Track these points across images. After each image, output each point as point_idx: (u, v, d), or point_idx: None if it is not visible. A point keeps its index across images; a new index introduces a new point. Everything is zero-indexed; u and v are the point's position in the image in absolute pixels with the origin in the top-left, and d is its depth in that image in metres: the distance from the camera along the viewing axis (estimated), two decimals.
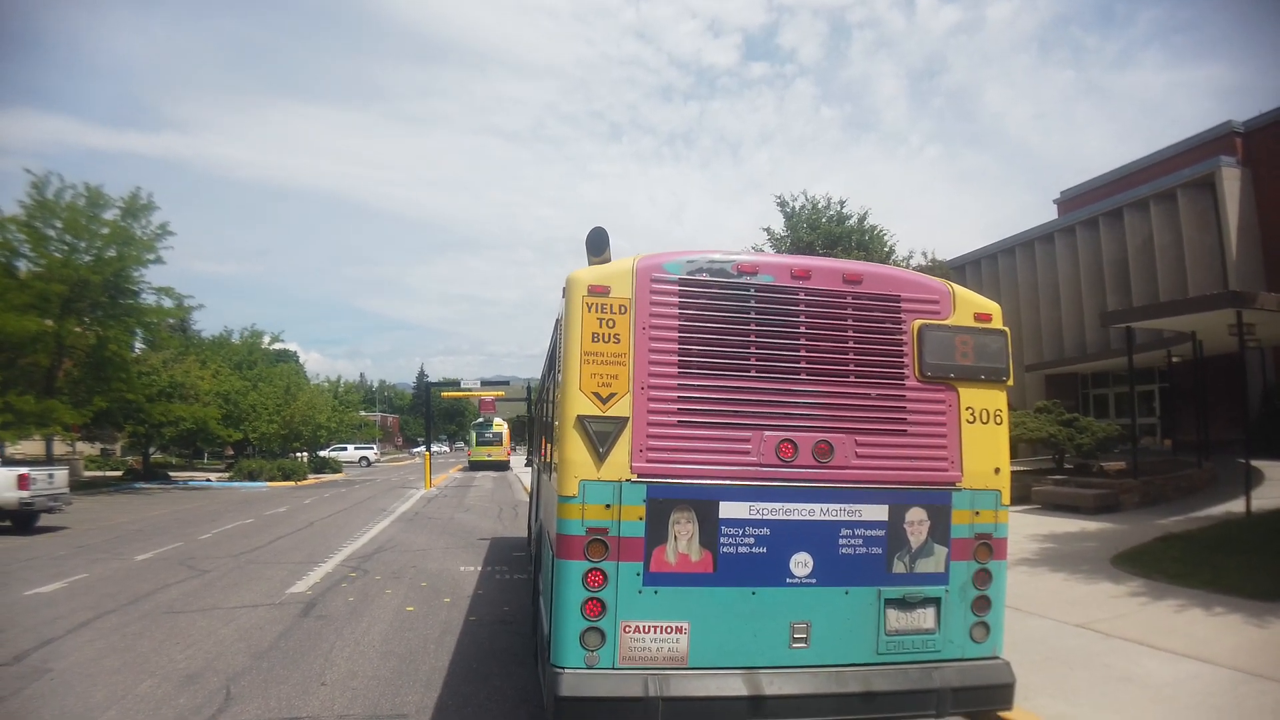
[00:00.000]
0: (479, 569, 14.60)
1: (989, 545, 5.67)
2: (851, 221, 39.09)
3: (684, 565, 5.19)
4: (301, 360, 71.52)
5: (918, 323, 5.61)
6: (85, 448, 51.94)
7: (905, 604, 5.50)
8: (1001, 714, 6.63)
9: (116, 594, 12.09)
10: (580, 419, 5.16)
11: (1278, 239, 29.91)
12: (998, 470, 5.72)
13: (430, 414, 53.67)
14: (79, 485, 34.29)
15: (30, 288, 29.61)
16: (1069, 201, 40.56)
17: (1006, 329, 5.88)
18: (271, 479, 40.81)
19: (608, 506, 5.13)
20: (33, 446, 38.13)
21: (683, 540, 5.19)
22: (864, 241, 37.77)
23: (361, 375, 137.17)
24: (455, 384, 45.19)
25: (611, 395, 5.18)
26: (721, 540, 5.23)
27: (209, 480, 41.58)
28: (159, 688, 7.79)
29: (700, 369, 5.30)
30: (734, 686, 5.10)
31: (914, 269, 42.83)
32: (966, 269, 43.91)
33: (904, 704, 5.39)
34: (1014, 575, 12.18)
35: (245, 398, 44.90)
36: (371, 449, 73.54)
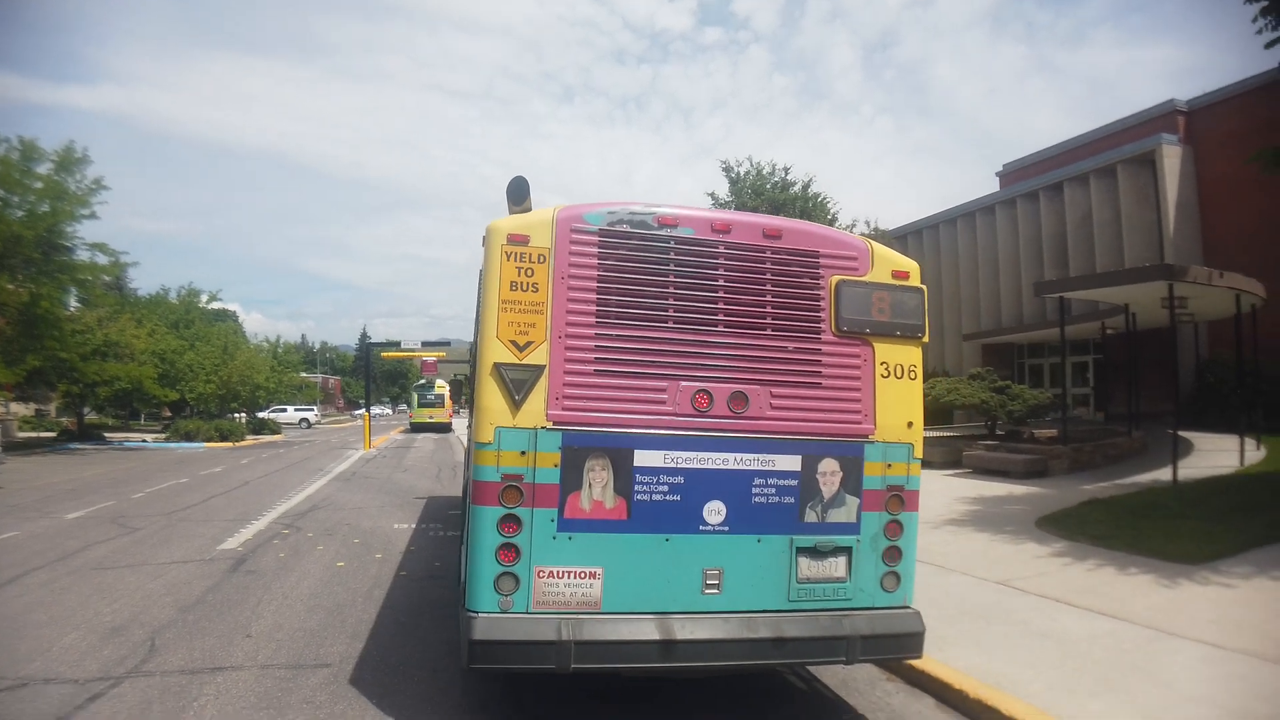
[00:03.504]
0: (413, 526, 14.60)
1: (900, 497, 5.80)
2: (796, 188, 39.29)
3: (598, 512, 5.26)
4: (242, 321, 70.40)
5: (835, 278, 5.70)
6: (20, 409, 50.77)
7: (817, 553, 5.62)
8: (914, 664, 6.84)
9: (45, 551, 11.91)
10: (497, 366, 5.19)
11: (1216, 217, 30.58)
12: (910, 424, 5.83)
13: (370, 374, 53.05)
14: (12, 446, 33.53)
15: None
16: (1011, 174, 41.12)
17: (923, 287, 5.98)
18: (209, 440, 40.17)
19: (523, 453, 5.18)
20: None
21: (597, 487, 5.26)
22: (807, 209, 37.98)
23: (303, 336, 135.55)
24: (396, 345, 44.75)
25: (529, 344, 5.22)
26: (636, 488, 5.30)
27: (145, 441, 40.81)
28: (84, 639, 7.76)
29: (618, 319, 5.35)
30: (646, 631, 5.19)
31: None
32: (908, 238, 44.40)
33: (814, 650, 5.54)
34: (939, 535, 12.51)
35: (182, 357, 44.04)
36: (312, 411, 72.47)
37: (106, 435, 42.16)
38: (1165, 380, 23.10)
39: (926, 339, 5.97)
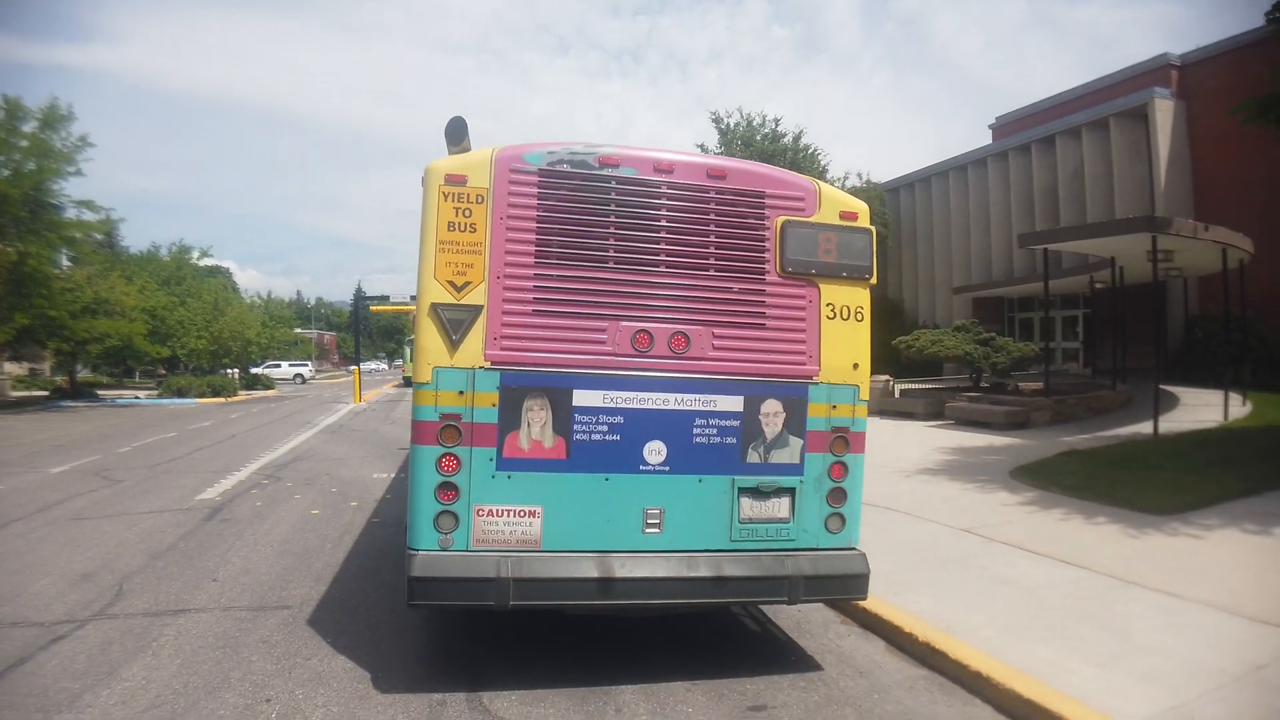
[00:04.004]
0: (393, 475, 14.70)
1: (845, 439, 5.81)
2: (786, 140, 39.11)
3: (537, 451, 5.30)
4: (238, 277, 70.19)
5: (781, 219, 5.67)
6: (14, 368, 50.82)
7: (759, 493, 5.66)
8: (868, 607, 6.88)
9: (26, 504, 11.97)
10: (434, 306, 5.20)
11: (1208, 172, 30.41)
12: (856, 366, 5.83)
13: (358, 327, 53.17)
14: (5, 405, 33.56)
15: None
16: (1004, 127, 40.81)
17: (873, 228, 5.94)
18: (201, 395, 40.17)
19: (461, 393, 5.22)
20: None
21: (536, 427, 5.29)
22: (797, 160, 37.84)
23: (298, 293, 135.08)
24: (387, 299, 44.77)
25: (466, 284, 5.22)
26: (575, 427, 5.34)
27: (137, 398, 40.74)
28: (53, 585, 7.88)
29: (557, 259, 5.34)
30: (585, 569, 5.25)
31: (848, 190, 43.22)
32: (900, 191, 44.26)
33: (756, 590, 5.60)
34: (911, 483, 12.59)
35: (172, 313, 43.92)
36: (306, 366, 72.36)
37: (99, 393, 42.12)
38: (1154, 335, 23.14)
39: (875, 280, 5.94)
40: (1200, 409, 20.51)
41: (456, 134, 5.53)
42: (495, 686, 5.57)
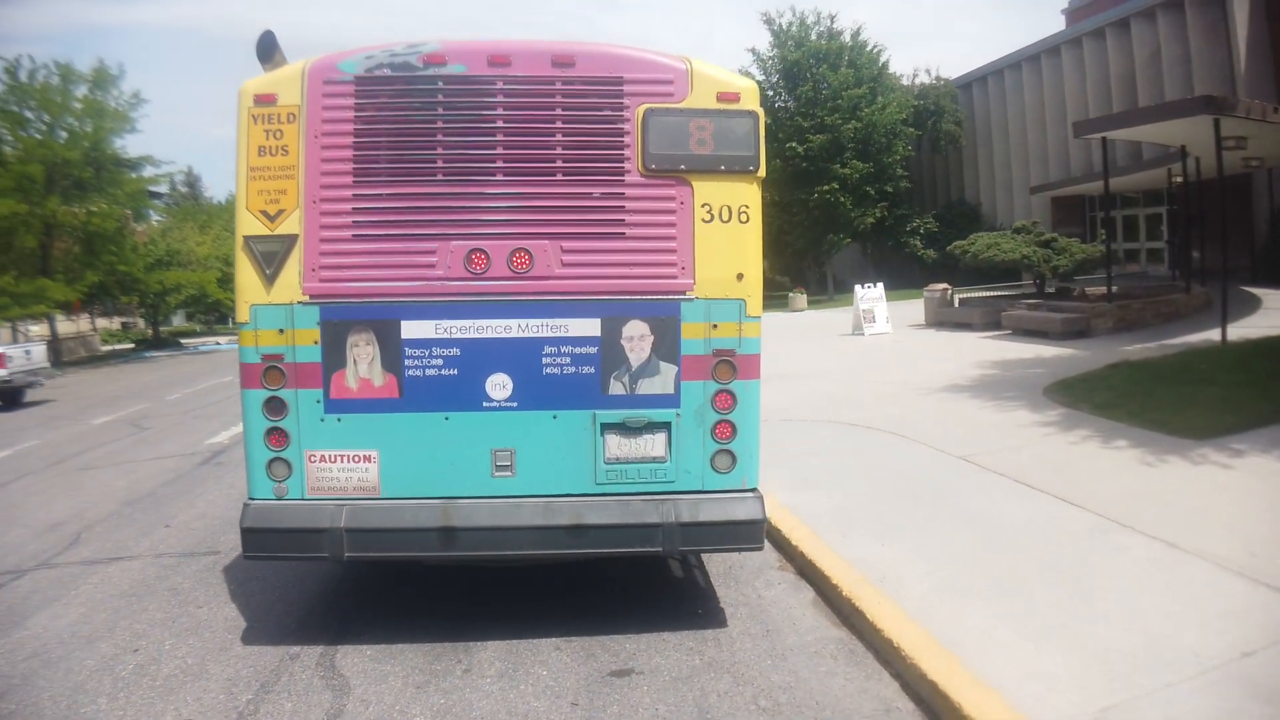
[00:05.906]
0: None
1: (731, 363, 5.05)
2: (844, 38, 37.40)
3: (366, 391, 4.87)
4: None
5: (643, 107, 4.91)
6: (106, 323, 52.73)
7: (627, 429, 5.03)
8: (807, 553, 6.24)
9: (49, 456, 12.31)
10: (246, 240, 4.78)
11: None
12: (741, 276, 5.03)
13: None
14: (93, 359, 34.79)
15: (10, 171, 29.13)
16: (1077, 10, 38.04)
17: (758, 110, 5.09)
18: None
19: (281, 331, 4.81)
20: (67, 328, 38.28)
21: (363, 364, 4.84)
22: (855, 60, 36.18)
23: None
24: None
25: (280, 212, 4.76)
26: (406, 362, 4.86)
27: (218, 344, 41.53)
28: (20, 536, 8.07)
29: (378, 177, 4.81)
30: (425, 518, 4.84)
31: (918, 87, 41.10)
32: (973, 86, 42.06)
33: (622, 539, 5.01)
34: (928, 402, 11.89)
35: None
36: None
37: (183, 341, 43.40)
38: (1231, 232, 21.28)
39: (762, 172, 5.10)
40: None
41: (267, 50, 5.06)
42: (358, 640, 5.30)
